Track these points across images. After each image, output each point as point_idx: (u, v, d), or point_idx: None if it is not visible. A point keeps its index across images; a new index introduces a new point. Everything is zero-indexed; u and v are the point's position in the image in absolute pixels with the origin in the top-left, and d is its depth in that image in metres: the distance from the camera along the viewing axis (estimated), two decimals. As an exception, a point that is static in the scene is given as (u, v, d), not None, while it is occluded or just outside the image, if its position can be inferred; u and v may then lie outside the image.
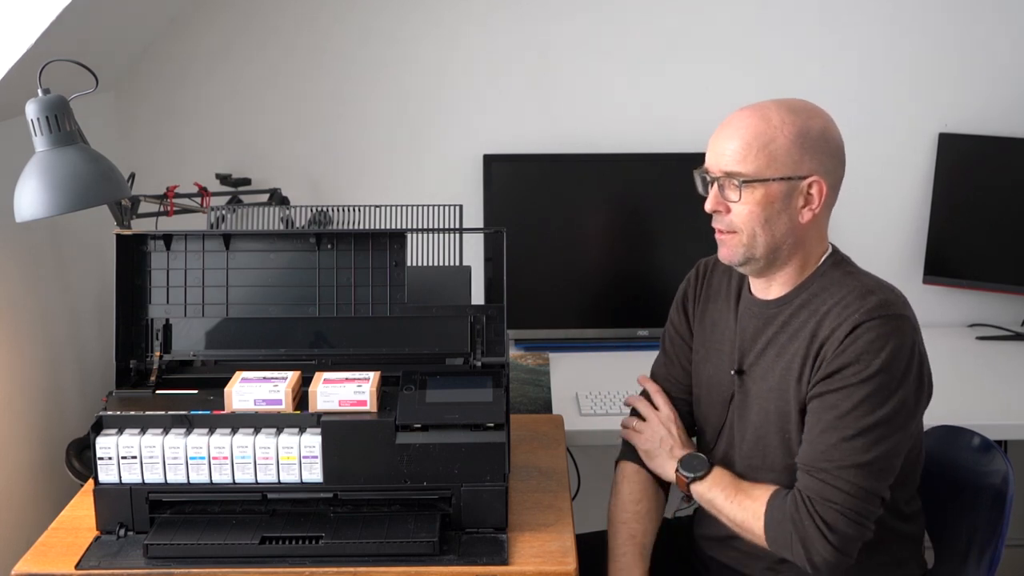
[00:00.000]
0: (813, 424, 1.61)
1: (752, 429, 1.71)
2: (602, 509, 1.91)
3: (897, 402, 1.58)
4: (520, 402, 2.31)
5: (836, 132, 1.67)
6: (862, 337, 1.58)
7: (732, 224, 1.65)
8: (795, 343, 1.66)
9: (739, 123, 1.64)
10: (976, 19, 2.64)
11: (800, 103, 1.66)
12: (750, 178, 1.62)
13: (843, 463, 1.56)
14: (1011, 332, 2.69)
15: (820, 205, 1.64)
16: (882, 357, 1.57)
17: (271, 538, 1.63)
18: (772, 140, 1.61)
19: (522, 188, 2.66)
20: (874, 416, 1.56)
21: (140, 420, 1.66)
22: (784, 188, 1.62)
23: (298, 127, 2.69)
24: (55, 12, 1.83)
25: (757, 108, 1.65)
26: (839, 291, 1.65)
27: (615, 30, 2.64)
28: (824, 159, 1.64)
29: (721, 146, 1.65)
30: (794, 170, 1.62)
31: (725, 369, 1.76)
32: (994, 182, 2.63)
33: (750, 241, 1.65)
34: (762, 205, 1.62)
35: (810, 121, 1.63)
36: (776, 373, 1.68)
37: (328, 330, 1.85)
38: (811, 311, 1.66)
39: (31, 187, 1.61)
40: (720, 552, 1.82)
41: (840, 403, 1.58)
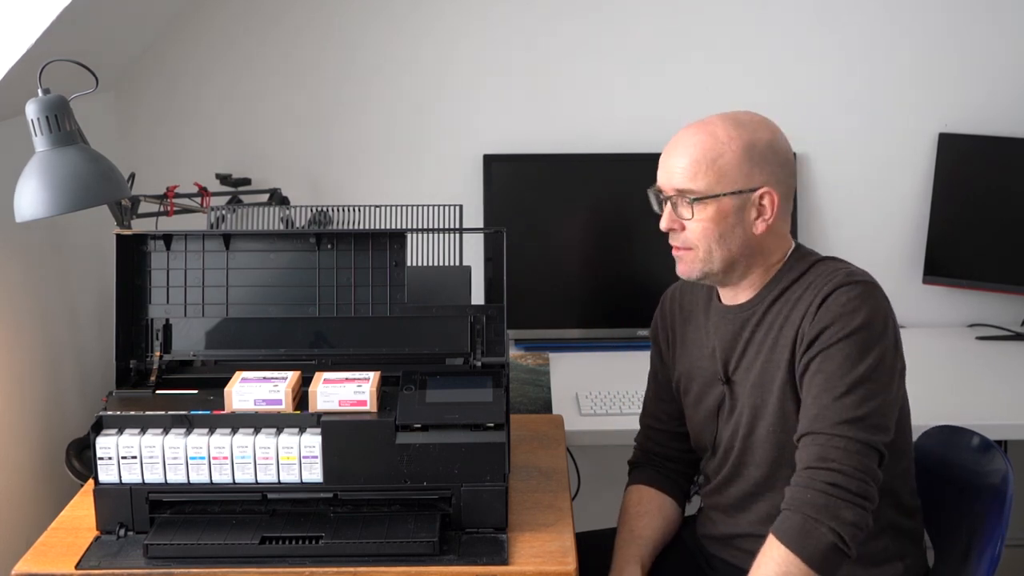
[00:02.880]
0: (805, 396, 1.61)
1: (741, 429, 1.72)
2: (602, 509, 1.91)
3: (878, 355, 1.59)
4: (520, 402, 2.31)
5: (784, 142, 1.69)
6: (836, 301, 1.60)
7: (688, 241, 1.68)
8: (770, 336, 1.68)
9: (687, 140, 1.67)
10: (976, 19, 2.64)
11: (746, 116, 1.69)
12: (701, 195, 1.64)
13: (837, 420, 1.55)
14: (1011, 332, 2.68)
15: (773, 215, 1.66)
16: (860, 315, 1.59)
17: (271, 538, 1.63)
18: (720, 155, 1.64)
19: (522, 188, 2.66)
20: (859, 370, 1.57)
21: (140, 420, 1.65)
22: (736, 202, 1.64)
23: (298, 127, 2.69)
24: (55, 12, 1.83)
25: (704, 124, 1.68)
26: (807, 279, 1.68)
27: (615, 30, 2.64)
28: (774, 169, 1.66)
29: (671, 164, 1.68)
30: (744, 183, 1.64)
31: (709, 382, 1.77)
32: (994, 182, 2.63)
33: (706, 256, 1.67)
34: (715, 221, 1.64)
35: (756, 133, 1.66)
36: (756, 369, 1.69)
37: (328, 330, 1.85)
38: (783, 302, 1.68)
39: (31, 187, 1.60)
40: (723, 551, 1.82)
41: (824, 365, 1.59)
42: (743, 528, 1.76)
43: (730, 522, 1.78)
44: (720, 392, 1.75)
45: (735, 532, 1.77)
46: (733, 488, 1.76)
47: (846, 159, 2.68)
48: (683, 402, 1.86)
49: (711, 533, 1.83)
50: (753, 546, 1.74)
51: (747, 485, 1.74)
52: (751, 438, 1.71)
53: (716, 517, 1.81)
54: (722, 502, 1.79)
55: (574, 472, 2.27)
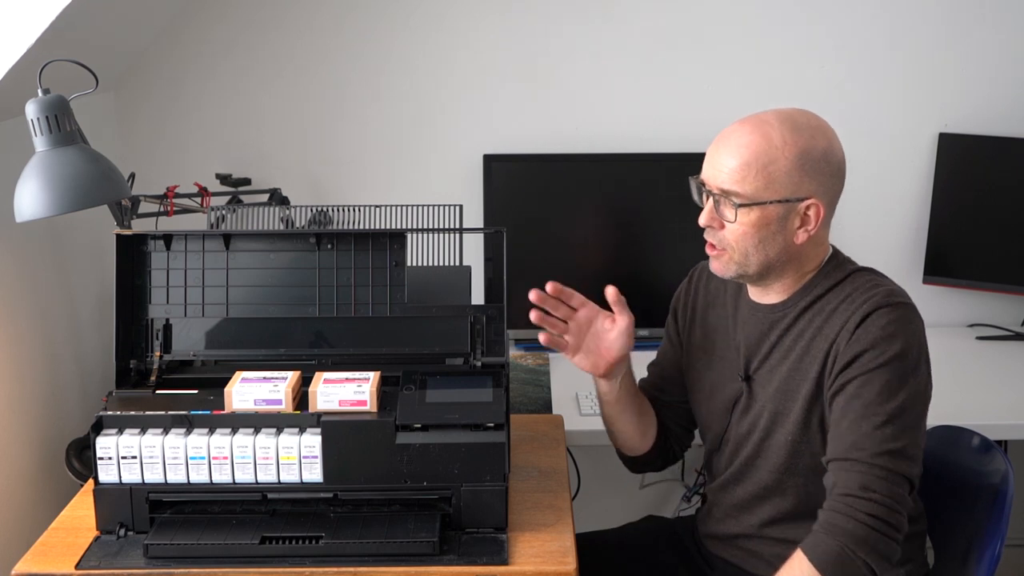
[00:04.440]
0: (840, 416, 1.58)
1: (758, 431, 1.70)
2: (602, 509, 1.91)
3: (916, 385, 1.57)
4: (520, 402, 2.31)
5: (839, 150, 1.64)
6: (875, 323, 1.57)
7: (725, 241, 1.64)
8: (800, 343, 1.66)
9: (739, 139, 1.60)
10: (976, 19, 2.64)
11: (804, 118, 1.62)
12: (747, 201, 1.59)
13: (877, 450, 1.53)
14: (1011, 332, 2.69)
15: (816, 227, 1.62)
16: (898, 342, 1.56)
17: (271, 538, 1.63)
18: (772, 161, 1.58)
19: (522, 188, 2.66)
20: (898, 400, 1.55)
21: (140, 420, 1.65)
22: (781, 210, 1.60)
23: (298, 127, 2.69)
24: (55, 12, 1.83)
25: (759, 123, 1.61)
26: (843, 289, 1.65)
27: (615, 30, 2.64)
28: (824, 179, 1.61)
29: (720, 161, 1.61)
30: (792, 192, 1.59)
31: (730, 375, 1.75)
32: (994, 182, 2.63)
33: (742, 259, 1.64)
34: (757, 227, 1.60)
35: (813, 141, 1.59)
36: (781, 375, 1.67)
37: (328, 330, 1.85)
38: (816, 311, 1.65)
39: (31, 187, 1.60)
40: (724, 550, 1.82)
41: (862, 391, 1.56)
42: (746, 529, 1.76)
43: (733, 522, 1.78)
44: (738, 388, 1.73)
45: (738, 532, 1.77)
46: (740, 488, 1.75)
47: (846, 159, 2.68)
48: (693, 385, 1.84)
49: (714, 532, 1.83)
50: (755, 547, 1.74)
51: (755, 487, 1.73)
52: (767, 442, 1.69)
53: (719, 515, 1.81)
54: (727, 500, 1.79)
55: (574, 472, 2.27)
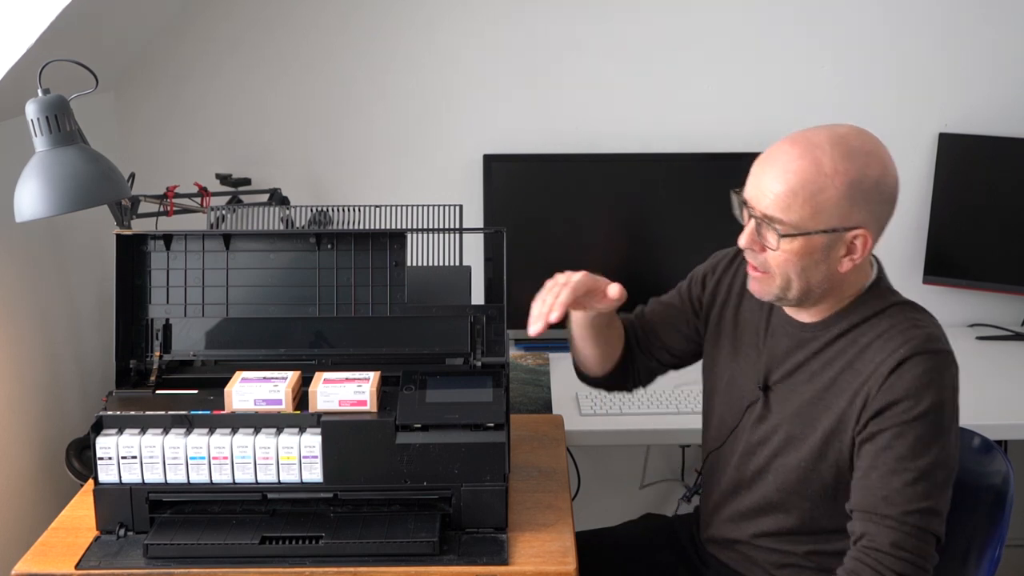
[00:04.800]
0: (869, 466, 1.53)
1: (769, 447, 1.68)
2: (602, 509, 1.91)
3: (948, 440, 1.53)
4: (520, 402, 2.31)
5: (892, 176, 1.56)
6: (910, 371, 1.52)
7: (766, 265, 1.58)
8: (828, 372, 1.61)
9: (788, 163, 1.51)
10: (976, 19, 2.64)
11: (858, 141, 1.53)
12: (791, 230, 1.51)
13: (909, 508, 1.50)
14: (1011, 332, 2.69)
15: (862, 256, 1.55)
16: (931, 393, 1.51)
17: (271, 538, 1.63)
18: (821, 190, 1.49)
19: (522, 188, 2.66)
20: (931, 456, 1.51)
21: (140, 420, 1.65)
22: (826, 240, 1.52)
23: (298, 127, 2.69)
24: (55, 12, 1.83)
25: (809, 146, 1.51)
26: (880, 323, 1.58)
27: (615, 30, 2.64)
28: (874, 208, 1.53)
29: (765, 184, 1.53)
30: (840, 222, 1.51)
31: (750, 376, 1.72)
32: (994, 182, 2.63)
33: (783, 285, 1.58)
34: (800, 255, 1.53)
35: (866, 169, 1.51)
36: (803, 398, 1.64)
37: (328, 330, 1.85)
38: (849, 341, 1.60)
39: (31, 187, 1.60)
40: (721, 552, 1.81)
41: (895, 444, 1.51)
42: (744, 535, 1.75)
43: (733, 527, 1.77)
44: (755, 393, 1.70)
45: (737, 538, 1.76)
46: (746, 497, 1.73)
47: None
48: (712, 368, 1.80)
49: (713, 535, 1.82)
50: (751, 553, 1.74)
51: (759, 499, 1.71)
52: (778, 460, 1.67)
53: (720, 519, 1.80)
54: (730, 506, 1.76)
55: (574, 472, 2.27)
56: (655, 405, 2.28)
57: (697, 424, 2.14)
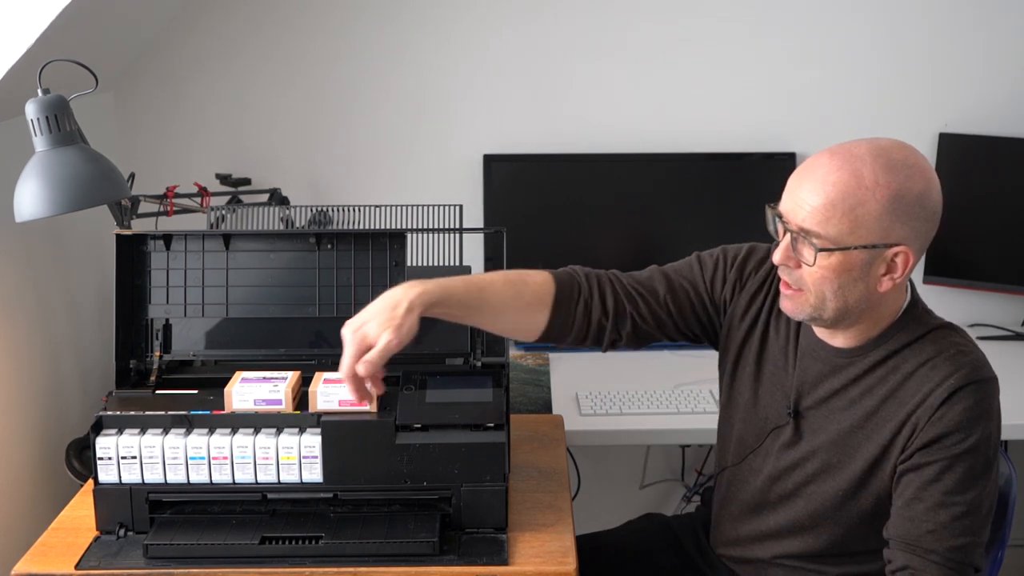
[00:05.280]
0: (914, 497, 1.50)
1: (802, 473, 1.63)
2: (602, 509, 1.91)
3: (994, 474, 1.51)
4: (520, 402, 2.31)
5: (936, 192, 1.50)
6: (961, 403, 1.48)
7: (801, 282, 1.51)
8: (869, 400, 1.56)
9: (826, 176, 1.45)
10: (976, 19, 2.64)
11: (900, 154, 1.46)
12: (829, 245, 1.45)
13: (954, 544, 1.47)
14: (1011, 332, 2.69)
15: (903, 275, 1.49)
16: (981, 426, 1.48)
17: (271, 538, 1.62)
18: (861, 204, 1.43)
19: (522, 188, 2.66)
20: (977, 490, 1.48)
21: (140, 420, 1.65)
22: (865, 256, 1.46)
23: (298, 127, 2.69)
24: (55, 12, 1.83)
25: (849, 158, 1.45)
26: (923, 350, 1.54)
27: (615, 30, 2.64)
28: (917, 225, 1.47)
29: (802, 197, 1.47)
30: (880, 238, 1.45)
31: (776, 399, 1.66)
32: (994, 182, 2.63)
33: (818, 303, 1.51)
34: (837, 272, 1.47)
35: (908, 182, 1.45)
36: (841, 426, 1.58)
37: (328, 330, 1.85)
38: (891, 368, 1.55)
39: (31, 187, 1.60)
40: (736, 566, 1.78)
41: (943, 477, 1.48)
42: (767, 554, 1.71)
43: (754, 546, 1.73)
44: (781, 417, 1.65)
45: (758, 556, 1.73)
46: (769, 518, 1.69)
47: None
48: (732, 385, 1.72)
49: (732, 554, 1.78)
50: (771, 571, 1.70)
51: (787, 522, 1.67)
52: (812, 487, 1.62)
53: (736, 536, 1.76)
54: (754, 525, 1.72)
55: (574, 472, 2.27)
56: (655, 405, 2.28)
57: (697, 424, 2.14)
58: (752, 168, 2.63)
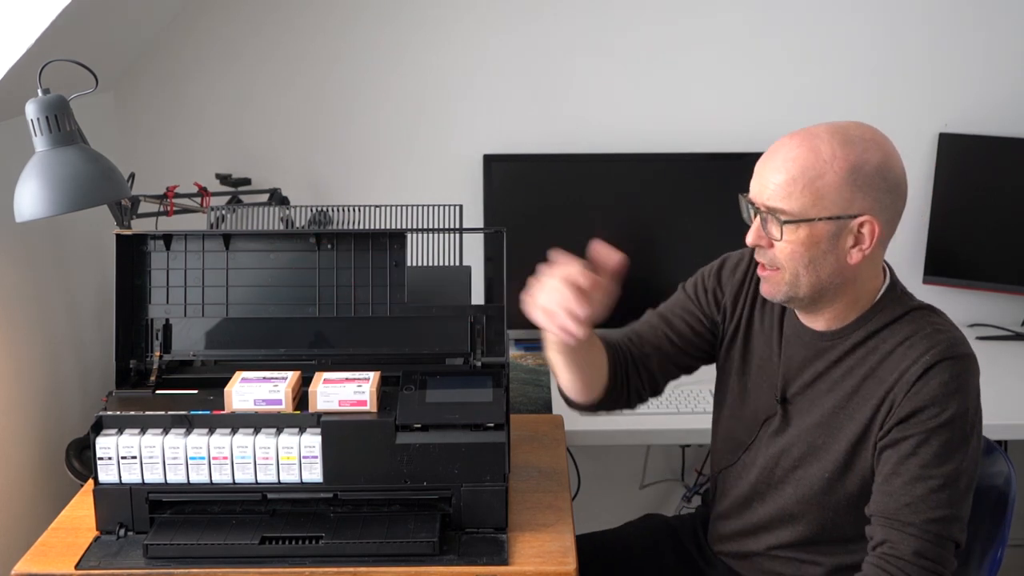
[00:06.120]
0: (892, 472, 1.53)
1: (789, 459, 1.66)
2: (602, 509, 1.91)
3: (973, 446, 1.53)
4: (520, 402, 2.31)
5: (896, 165, 1.55)
6: (936, 378, 1.51)
7: (775, 261, 1.57)
8: (850, 380, 1.60)
9: (786, 153, 1.53)
10: (976, 19, 2.64)
11: (857, 131, 1.54)
12: (793, 217, 1.51)
13: (932, 516, 1.49)
14: (1011, 332, 2.69)
15: (872, 246, 1.53)
16: (957, 400, 1.51)
17: (271, 538, 1.63)
18: (820, 176, 1.50)
19: (522, 188, 2.66)
20: (955, 463, 1.50)
21: (140, 420, 1.65)
22: (831, 228, 1.52)
23: (298, 127, 2.69)
24: (55, 12, 1.83)
25: (808, 137, 1.53)
26: (902, 329, 1.58)
27: (615, 30, 2.64)
28: (879, 196, 1.52)
29: (766, 177, 1.55)
30: (843, 209, 1.51)
31: (765, 391, 1.69)
32: (994, 182, 2.63)
33: (793, 280, 1.56)
34: (806, 245, 1.52)
35: (865, 154, 1.51)
36: (825, 408, 1.62)
37: (328, 330, 1.85)
38: (870, 348, 1.59)
39: (31, 187, 1.60)
40: (733, 562, 1.79)
41: (920, 451, 1.51)
42: (761, 547, 1.73)
43: (748, 540, 1.75)
44: (772, 407, 1.68)
45: (752, 550, 1.74)
46: (762, 508, 1.71)
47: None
48: (722, 385, 1.77)
49: (727, 549, 1.80)
50: (766, 564, 1.72)
51: (776, 511, 1.69)
52: (799, 472, 1.64)
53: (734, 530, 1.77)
54: (745, 518, 1.74)
55: (574, 472, 2.27)
56: (655, 405, 2.28)
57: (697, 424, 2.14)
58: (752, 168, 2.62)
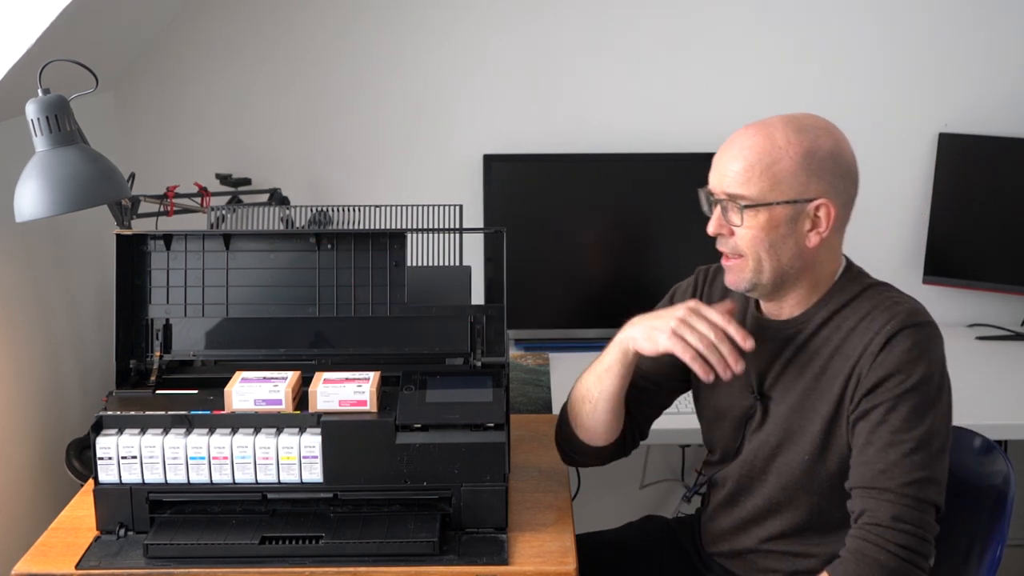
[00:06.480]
0: (865, 443, 1.54)
1: (767, 448, 1.67)
2: (602, 509, 1.91)
3: (941, 409, 1.55)
4: (520, 402, 2.31)
5: (848, 151, 1.61)
6: (899, 346, 1.54)
7: (737, 248, 1.60)
8: (817, 361, 1.62)
9: (743, 142, 1.59)
10: (976, 19, 2.64)
11: (809, 120, 1.61)
12: (752, 202, 1.56)
13: (907, 479, 1.51)
14: (1011, 332, 2.69)
15: (828, 228, 1.58)
16: (923, 365, 1.54)
17: (271, 538, 1.63)
18: (776, 161, 1.56)
19: (522, 188, 2.66)
20: (925, 426, 1.52)
21: (140, 420, 1.65)
22: (789, 212, 1.57)
23: (298, 127, 2.69)
24: (55, 12, 1.83)
25: (762, 126, 1.60)
26: (862, 306, 1.61)
27: (615, 30, 2.64)
28: (833, 180, 1.58)
29: (724, 166, 1.60)
30: (800, 193, 1.56)
31: (739, 393, 1.71)
32: (994, 182, 2.63)
33: (756, 266, 1.60)
34: (766, 229, 1.57)
35: (818, 141, 1.57)
36: (796, 393, 1.64)
37: (328, 330, 1.85)
38: (833, 328, 1.62)
39: (31, 187, 1.60)
40: (728, 562, 1.79)
41: (889, 417, 1.53)
42: (753, 542, 1.73)
43: (742, 536, 1.75)
44: (750, 405, 1.69)
45: (745, 546, 1.74)
46: (749, 502, 1.72)
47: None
48: (698, 400, 1.80)
49: (720, 549, 1.80)
50: (761, 560, 1.72)
51: (764, 501, 1.69)
52: (778, 459, 1.66)
53: (726, 528, 1.78)
54: (735, 513, 1.75)
55: (574, 472, 2.27)
56: (655, 405, 2.28)
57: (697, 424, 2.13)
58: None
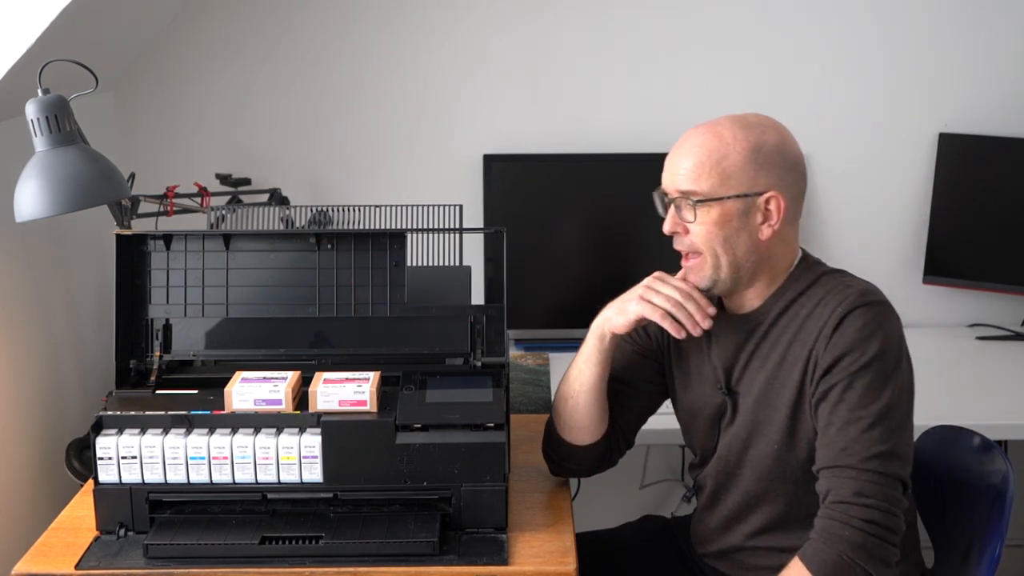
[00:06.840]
0: (826, 423, 1.57)
1: (739, 442, 1.69)
2: (602, 509, 1.91)
3: (899, 383, 1.57)
4: (520, 402, 2.31)
5: (793, 145, 1.66)
6: (851, 325, 1.57)
7: (693, 245, 1.64)
8: (777, 350, 1.65)
9: (692, 141, 1.64)
10: (976, 19, 2.64)
11: (755, 117, 1.66)
12: (704, 197, 1.61)
13: (867, 454, 1.52)
14: (1011, 332, 2.68)
15: (779, 220, 1.62)
16: (876, 341, 1.56)
17: (271, 538, 1.63)
18: (725, 157, 1.60)
19: (522, 188, 2.66)
20: (883, 400, 1.54)
21: (140, 420, 1.65)
22: (740, 206, 1.61)
23: (298, 127, 2.69)
24: (55, 12, 1.83)
25: (710, 125, 1.65)
26: (816, 292, 1.64)
27: (615, 30, 2.64)
28: (781, 173, 1.62)
29: (675, 165, 1.65)
30: (749, 187, 1.60)
31: (709, 392, 1.73)
32: (994, 182, 2.63)
33: (714, 262, 1.63)
34: (719, 224, 1.61)
35: (764, 136, 1.62)
36: (760, 384, 1.66)
37: (328, 330, 1.85)
38: (791, 316, 1.65)
39: (31, 187, 1.60)
40: (718, 563, 1.80)
41: (846, 395, 1.55)
42: (738, 540, 1.74)
43: (726, 535, 1.75)
44: (721, 401, 1.71)
45: (731, 544, 1.75)
46: (729, 498, 1.73)
47: (846, 159, 2.68)
48: (674, 404, 1.83)
49: (707, 549, 1.81)
50: (748, 559, 1.72)
51: (743, 496, 1.70)
52: (750, 452, 1.67)
53: (711, 529, 1.78)
54: (718, 513, 1.76)
55: (574, 472, 2.27)
56: (655, 405, 2.28)
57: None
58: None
